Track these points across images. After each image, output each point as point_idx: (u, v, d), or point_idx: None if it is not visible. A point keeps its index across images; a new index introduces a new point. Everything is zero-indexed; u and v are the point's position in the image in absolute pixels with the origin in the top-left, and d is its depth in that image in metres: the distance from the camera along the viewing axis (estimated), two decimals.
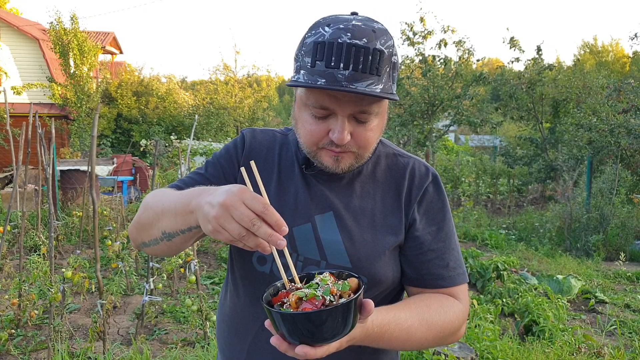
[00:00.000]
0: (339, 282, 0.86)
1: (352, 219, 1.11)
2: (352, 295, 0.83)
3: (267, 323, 0.84)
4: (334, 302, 0.81)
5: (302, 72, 0.98)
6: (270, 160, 1.19)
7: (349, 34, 0.94)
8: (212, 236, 0.86)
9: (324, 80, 0.94)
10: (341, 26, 0.95)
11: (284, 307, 0.83)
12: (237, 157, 1.19)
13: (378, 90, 0.96)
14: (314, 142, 1.04)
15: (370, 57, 0.94)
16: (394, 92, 1.02)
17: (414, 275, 1.13)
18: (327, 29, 0.96)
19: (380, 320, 0.93)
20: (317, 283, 0.85)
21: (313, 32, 0.98)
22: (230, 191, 0.83)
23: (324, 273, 0.89)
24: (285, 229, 0.83)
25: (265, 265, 1.10)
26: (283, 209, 1.12)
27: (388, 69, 0.98)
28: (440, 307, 1.06)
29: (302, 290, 0.83)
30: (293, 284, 0.89)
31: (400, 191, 1.14)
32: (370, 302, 0.84)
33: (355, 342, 0.89)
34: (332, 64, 0.94)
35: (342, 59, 0.93)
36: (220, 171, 1.19)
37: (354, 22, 0.96)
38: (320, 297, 0.81)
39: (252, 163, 0.89)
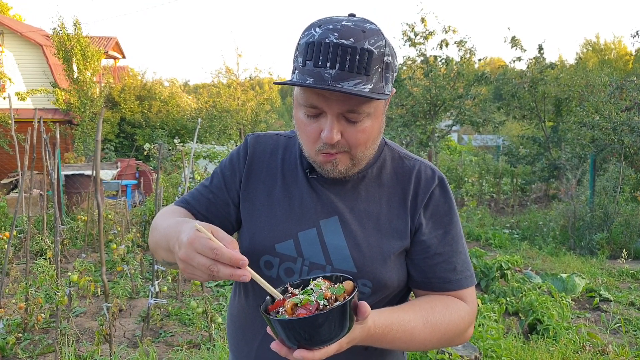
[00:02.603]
0: (335, 285, 0.88)
1: (357, 223, 1.11)
2: (347, 297, 0.85)
3: (268, 329, 0.87)
4: (328, 306, 0.83)
5: (296, 72, 1.00)
6: (273, 165, 1.20)
7: (336, 34, 0.95)
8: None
9: (312, 80, 0.95)
10: (330, 26, 0.97)
11: (280, 313, 0.85)
12: (239, 166, 1.21)
13: (366, 90, 0.96)
14: (310, 143, 1.05)
15: (357, 57, 0.94)
16: (387, 92, 1.02)
17: (420, 278, 1.13)
18: (317, 29, 0.98)
19: (383, 321, 0.94)
20: (311, 289, 0.87)
21: (306, 33, 1.00)
22: (183, 243, 0.88)
23: (318, 278, 0.91)
24: (244, 262, 0.85)
25: (272, 269, 1.12)
26: (288, 215, 1.13)
27: (379, 69, 0.98)
28: (445, 310, 1.07)
29: (297, 296, 0.86)
30: (291, 289, 0.91)
31: (406, 195, 1.14)
32: (365, 305, 0.86)
33: (357, 342, 0.90)
34: (320, 63, 0.95)
35: (328, 58, 0.94)
36: (223, 182, 1.21)
37: (343, 23, 0.97)
38: (314, 302, 0.83)
39: (195, 225, 0.88)
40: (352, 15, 1.03)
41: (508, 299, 4.79)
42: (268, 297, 0.91)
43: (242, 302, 1.21)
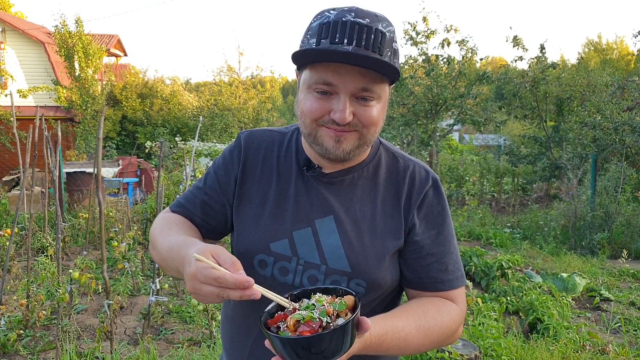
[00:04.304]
0: (337, 300, 0.88)
1: (352, 223, 1.11)
2: (349, 314, 0.85)
3: (267, 343, 0.86)
4: (331, 324, 0.83)
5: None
6: (268, 163, 1.19)
7: (352, 14, 0.99)
8: None
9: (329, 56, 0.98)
10: (345, 8, 1.01)
11: (282, 329, 0.84)
12: (233, 166, 1.20)
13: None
14: (314, 117, 1.04)
15: (372, 36, 0.98)
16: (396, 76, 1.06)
17: (413, 278, 1.14)
18: (332, 12, 1.02)
19: (378, 331, 0.94)
20: (313, 304, 0.86)
21: (318, 16, 1.03)
22: (187, 276, 0.88)
23: (317, 293, 0.91)
24: (249, 283, 0.84)
25: (267, 268, 1.12)
26: (283, 213, 1.13)
27: (389, 53, 1.01)
28: (437, 313, 1.08)
29: (300, 312, 0.85)
30: (290, 301, 0.90)
31: (400, 195, 1.14)
32: (366, 321, 0.86)
33: (354, 354, 0.91)
34: (337, 40, 0.97)
35: (346, 35, 0.97)
36: (217, 183, 1.21)
37: (357, 6, 1.02)
38: (317, 319, 0.82)
39: (195, 255, 0.87)
40: None
41: (508, 298, 4.79)
42: (267, 310, 0.90)
43: (237, 301, 1.21)
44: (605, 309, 4.99)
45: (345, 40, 0.96)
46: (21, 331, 3.95)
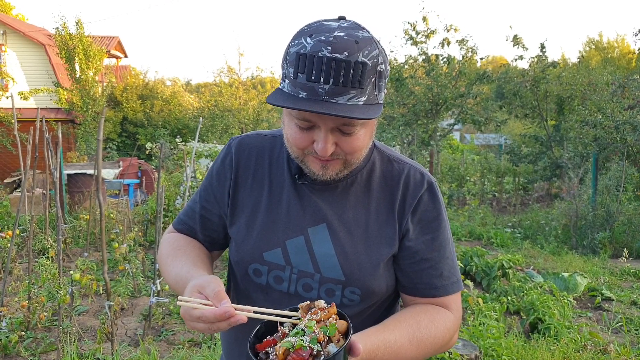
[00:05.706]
0: (329, 320, 0.86)
1: (346, 230, 1.10)
2: (341, 340, 0.84)
3: None
4: (322, 352, 0.81)
5: (286, 81, 0.98)
6: (260, 170, 1.18)
7: (329, 48, 0.92)
8: None
9: (305, 94, 0.94)
10: (322, 38, 0.93)
11: (271, 356, 0.83)
12: (225, 176, 1.19)
13: (361, 103, 0.95)
14: (299, 148, 1.04)
15: (351, 71, 0.92)
16: (380, 101, 1.01)
17: (407, 284, 1.13)
18: (309, 40, 0.94)
19: (370, 347, 0.93)
20: (302, 329, 0.84)
21: (296, 41, 0.96)
22: (182, 316, 0.95)
23: (306, 318, 0.88)
24: (229, 313, 0.88)
25: (261, 277, 1.12)
26: (275, 222, 1.12)
27: (373, 79, 0.96)
28: (431, 322, 1.06)
29: (289, 340, 0.82)
30: (280, 326, 0.90)
31: (394, 200, 1.12)
32: (358, 346, 0.86)
33: None
34: (313, 77, 0.93)
35: (322, 74, 0.92)
36: (212, 195, 1.21)
37: (336, 34, 0.94)
38: (308, 348, 0.80)
39: (179, 300, 0.93)
40: (342, 18, 1.00)
41: (509, 298, 4.79)
42: (254, 333, 0.89)
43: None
44: (607, 308, 4.98)
45: (322, 79, 0.92)
46: (22, 333, 3.96)
